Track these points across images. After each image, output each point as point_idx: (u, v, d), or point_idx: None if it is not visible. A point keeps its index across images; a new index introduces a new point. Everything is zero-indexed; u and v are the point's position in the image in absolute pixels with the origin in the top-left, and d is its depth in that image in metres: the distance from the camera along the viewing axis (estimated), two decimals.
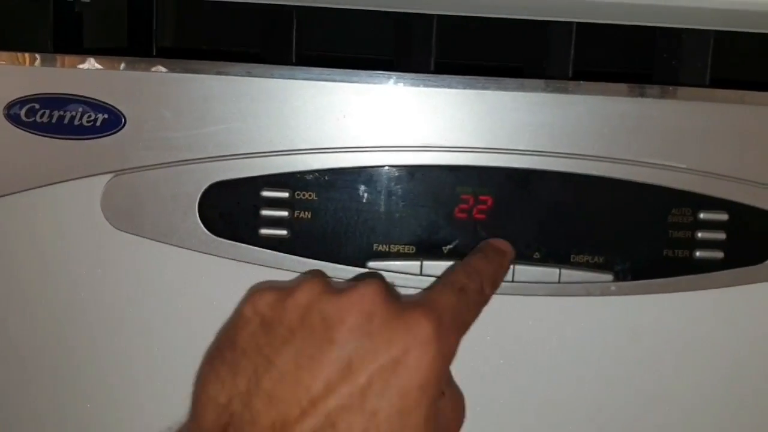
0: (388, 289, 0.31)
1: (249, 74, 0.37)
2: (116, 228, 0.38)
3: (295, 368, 0.29)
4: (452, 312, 0.31)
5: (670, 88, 0.38)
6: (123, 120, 0.37)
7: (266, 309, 0.31)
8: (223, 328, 0.32)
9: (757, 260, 0.39)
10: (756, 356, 0.41)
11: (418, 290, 0.38)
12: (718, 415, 0.41)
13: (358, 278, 0.35)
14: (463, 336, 0.32)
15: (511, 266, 0.38)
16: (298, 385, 0.29)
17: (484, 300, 0.34)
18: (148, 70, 0.37)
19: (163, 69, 0.37)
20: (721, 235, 0.38)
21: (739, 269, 0.39)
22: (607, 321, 0.40)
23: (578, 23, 0.41)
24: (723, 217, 0.38)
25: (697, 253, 0.38)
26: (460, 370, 0.39)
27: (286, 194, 0.37)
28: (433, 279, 0.38)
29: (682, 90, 0.39)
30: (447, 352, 0.31)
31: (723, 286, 0.39)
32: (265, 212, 0.37)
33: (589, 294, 0.39)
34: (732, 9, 0.37)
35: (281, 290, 0.31)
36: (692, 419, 0.41)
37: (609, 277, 0.38)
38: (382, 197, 0.38)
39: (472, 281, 0.34)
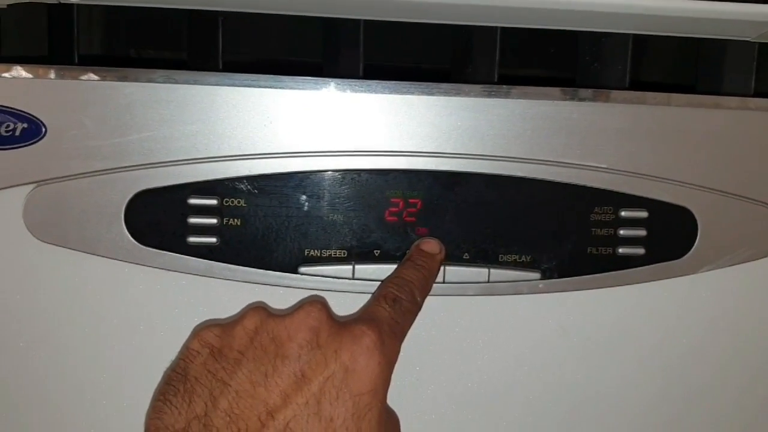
0: (329, 308, 0.33)
1: (173, 81, 0.36)
2: (40, 239, 0.37)
3: (250, 386, 0.31)
4: (389, 322, 0.33)
5: (590, 90, 0.39)
6: (43, 129, 0.36)
7: (214, 340, 0.32)
8: (171, 366, 0.33)
9: (676, 255, 0.40)
10: (677, 347, 0.42)
11: (351, 294, 0.39)
12: (642, 405, 0.42)
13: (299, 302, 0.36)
14: (401, 343, 0.34)
15: (442, 267, 0.38)
16: (255, 400, 0.30)
17: (417, 308, 0.36)
18: (71, 78, 0.36)
19: (88, 77, 0.36)
20: (641, 232, 0.40)
21: (660, 264, 0.40)
22: (535, 318, 0.40)
23: (502, 28, 0.42)
24: (643, 214, 0.40)
25: (620, 250, 0.40)
26: (395, 371, 0.40)
27: (214, 201, 0.37)
28: (365, 282, 0.38)
29: (601, 93, 0.40)
30: (390, 356, 0.32)
31: (645, 281, 0.40)
32: (193, 220, 0.37)
33: (517, 292, 0.39)
34: (648, 14, 0.38)
35: (225, 324, 0.33)
36: (618, 410, 0.42)
37: (536, 275, 0.39)
38: (313, 202, 0.38)
39: (403, 292, 0.35)
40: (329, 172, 0.38)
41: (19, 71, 0.36)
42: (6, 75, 0.36)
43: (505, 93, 0.38)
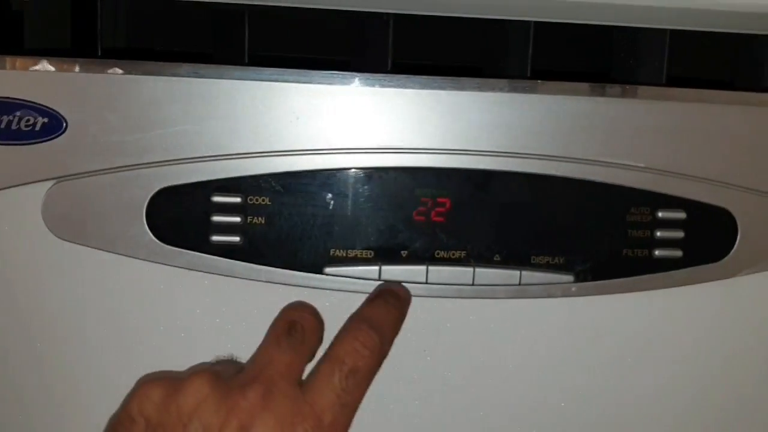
0: (276, 389, 0.31)
1: (198, 75, 0.35)
2: (59, 237, 0.36)
3: None
4: (333, 408, 0.31)
5: (628, 87, 0.38)
6: (64, 124, 0.35)
7: (152, 410, 0.31)
8: (112, 420, 0.32)
9: (715, 258, 0.39)
10: (715, 353, 0.41)
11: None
12: (680, 412, 0.41)
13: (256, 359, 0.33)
14: (353, 416, 0.32)
15: (472, 269, 0.37)
16: None
17: (382, 358, 0.33)
18: (93, 71, 0.35)
19: (111, 70, 0.35)
20: (679, 234, 0.38)
21: (698, 267, 0.39)
22: (568, 322, 0.39)
23: (536, 22, 0.41)
24: (681, 215, 0.38)
25: (656, 252, 0.38)
26: (421, 376, 0.39)
27: (238, 199, 0.36)
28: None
29: (640, 89, 0.38)
30: None
31: (682, 285, 0.39)
32: (216, 218, 0.36)
33: (550, 295, 0.38)
34: (687, 8, 0.37)
35: (170, 386, 0.31)
36: (655, 417, 0.41)
37: (570, 278, 0.38)
38: (339, 201, 0.37)
39: (368, 344, 0.32)
40: (356, 170, 0.37)
41: (41, 64, 0.35)
42: (33, 68, 0.35)
43: (539, 89, 0.37)
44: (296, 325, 0.33)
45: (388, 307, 0.34)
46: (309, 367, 0.33)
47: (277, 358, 0.32)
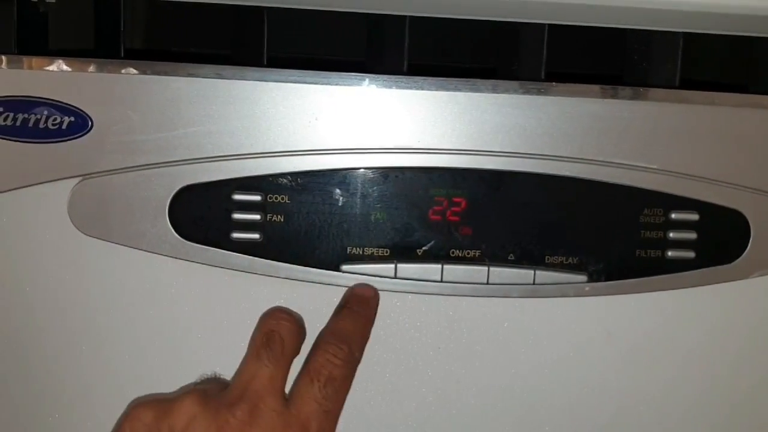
0: (262, 404, 0.32)
1: (219, 76, 0.36)
2: (84, 233, 0.37)
3: None
4: (317, 416, 0.33)
5: (642, 89, 0.38)
6: (90, 123, 0.36)
7: (143, 430, 0.32)
8: None
9: (727, 260, 0.39)
10: (727, 354, 0.41)
11: (393, 293, 0.38)
12: (691, 413, 0.41)
13: (238, 380, 0.35)
14: (337, 421, 0.33)
15: (487, 268, 0.38)
16: None
17: (354, 366, 0.35)
18: (117, 72, 0.36)
19: (134, 71, 0.36)
20: (692, 235, 0.39)
21: (710, 269, 0.39)
22: (581, 322, 0.40)
23: (550, 25, 0.41)
24: (694, 217, 0.39)
25: (669, 253, 0.39)
26: (435, 373, 0.39)
27: (258, 197, 0.37)
28: (407, 281, 0.38)
29: (654, 91, 0.39)
30: None
31: (694, 286, 0.39)
32: (237, 216, 0.37)
33: (563, 295, 0.39)
34: (700, 11, 0.37)
35: (160, 407, 0.33)
36: (666, 418, 0.41)
37: (583, 277, 0.38)
38: (356, 200, 0.37)
39: (339, 354, 0.34)
40: (373, 170, 0.37)
41: (67, 65, 0.36)
42: (53, 69, 0.36)
43: (554, 90, 0.37)
44: (274, 335, 0.34)
45: (353, 317, 0.36)
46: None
47: (259, 373, 0.33)
